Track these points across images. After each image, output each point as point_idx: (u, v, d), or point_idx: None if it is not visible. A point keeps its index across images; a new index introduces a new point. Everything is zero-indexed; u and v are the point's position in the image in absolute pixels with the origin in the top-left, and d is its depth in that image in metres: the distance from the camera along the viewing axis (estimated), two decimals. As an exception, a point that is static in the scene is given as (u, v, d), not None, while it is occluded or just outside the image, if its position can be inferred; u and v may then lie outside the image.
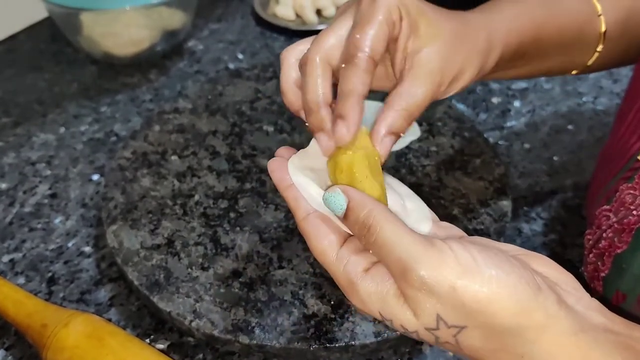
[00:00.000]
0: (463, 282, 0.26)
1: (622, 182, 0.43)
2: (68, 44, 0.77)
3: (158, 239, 0.50)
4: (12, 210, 0.57)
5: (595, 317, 0.28)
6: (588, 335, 0.27)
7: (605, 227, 0.42)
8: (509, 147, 0.65)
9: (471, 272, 0.27)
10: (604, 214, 0.43)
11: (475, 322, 0.27)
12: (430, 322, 0.28)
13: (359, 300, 0.30)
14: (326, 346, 0.43)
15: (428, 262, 0.27)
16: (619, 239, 0.40)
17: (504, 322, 0.26)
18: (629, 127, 0.45)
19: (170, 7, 0.73)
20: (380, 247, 0.29)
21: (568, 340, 0.27)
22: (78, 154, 0.63)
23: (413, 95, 0.34)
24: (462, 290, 0.26)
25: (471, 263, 0.27)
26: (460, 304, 0.27)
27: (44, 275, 0.52)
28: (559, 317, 0.27)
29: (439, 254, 0.27)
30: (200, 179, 0.56)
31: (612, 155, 0.47)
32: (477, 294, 0.26)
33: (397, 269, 0.28)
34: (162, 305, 0.45)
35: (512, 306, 0.26)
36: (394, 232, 0.28)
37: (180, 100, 0.65)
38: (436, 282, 0.27)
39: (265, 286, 0.47)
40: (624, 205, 0.41)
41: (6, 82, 0.73)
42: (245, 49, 0.80)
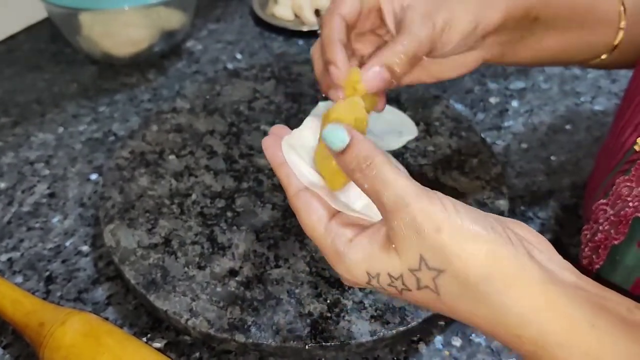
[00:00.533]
0: (446, 226, 0.28)
1: (619, 175, 0.43)
2: (67, 44, 0.78)
3: (155, 238, 0.50)
4: (10, 209, 0.58)
5: (567, 276, 0.30)
6: (557, 287, 0.28)
7: (602, 221, 0.42)
8: (506, 146, 0.66)
9: (454, 221, 0.29)
10: (601, 208, 0.43)
11: (452, 267, 0.28)
12: (413, 262, 0.30)
13: (345, 269, 0.32)
14: (322, 345, 0.43)
15: (420, 203, 0.29)
16: (616, 230, 0.40)
17: (477, 271, 0.28)
18: (626, 122, 0.45)
19: (169, 7, 0.73)
20: (379, 182, 0.30)
21: (537, 290, 0.28)
22: (76, 153, 0.64)
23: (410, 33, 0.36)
24: (446, 234, 0.28)
25: (455, 213, 0.29)
26: (440, 246, 0.28)
27: (42, 274, 0.52)
28: (529, 267, 0.28)
29: (430, 199, 0.29)
30: (198, 178, 0.56)
31: (609, 151, 0.47)
32: (458, 240, 0.28)
33: (391, 205, 0.30)
34: (158, 304, 0.45)
35: (484, 255, 0.28)
36: (392, 172, 0.30)
37: (178, 100, 0.65)
38: (424, 220, 0.29)
39: (262, 285, 0.47)
40: (620, 197, 0.41)
41: (5, 82, 0.73)
42: (243, 49, 0.80)
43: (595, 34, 0.46)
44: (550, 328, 0.27)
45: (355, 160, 0.31)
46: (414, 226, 0.29)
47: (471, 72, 0.43)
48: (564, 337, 0.27)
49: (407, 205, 0.29)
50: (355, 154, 0.31)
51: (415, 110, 0.65)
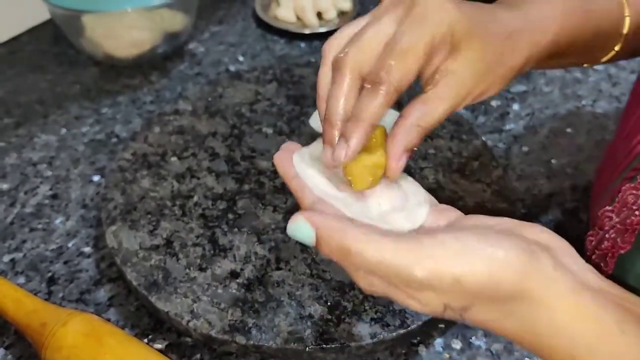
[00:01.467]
0: (463, 271, 0.27)
1: (625, 183, 0.43)
2: (70, 45, 0.78)
3: (157, 239, 0.51)
4: (13, 210, 0.58)
5: (591, 278, 0.29)
6: (587, 294, 0.28)
7: (607, 228, 0.42)
8: (507, 149, 0.66)
9: (467, 258, 0.27)
10: (606, 215, 0.43)
11: (480, 299, 0.28)
12: (437, 310, 0.29)
13: (365, 284, 0.30)
14: (322, 347, 0.43)
15: (423, 263, 0.27)
16: (622, 239, 0.40)
17: (506, 293, 0.27)
18: (633, 127, 0.45)
19: (171, 9, 0.73)
20: (369, 267, 0.28)
21: (568, 300, 0.28)
22: (79, 155, 0.64)
23: (433, 113, 0.33)
24: (464, 278, 0.27)
25: (464, 249, 0.27)
26: (464, 291, 0.27)
27: (44, 275, 0.52)
28: (556, 278, 0.28)
29: (431, 251, 0.27)
30: (200, 180, 0.56)
31: (615, 156, 0.47)
32: (478, 277, 0.27)
33: (395, 280, 0.28)
34: (160, 305, 0.46)
35: (511, 276, 0.27)
36: (376, 248, 0.28)
37: (180, 102, 0.65)
38: (438, 278, 0.27)
39: (263, 287, 0.47)
40: (626, 205, 0.41)
41: (8, 83, 0.73)
42: (245, 51, 0.80)
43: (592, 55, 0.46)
44: (582, 335, 0.27)
45: (333, 253, 0.29)
46: (428, 288, 0.27)
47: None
48: (595, 343, 0.27)
49: (411, 276, 0.27)
50: (329, 249, 0.29)
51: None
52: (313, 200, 0.33)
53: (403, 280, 0.28)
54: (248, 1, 0.90)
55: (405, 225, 0.33)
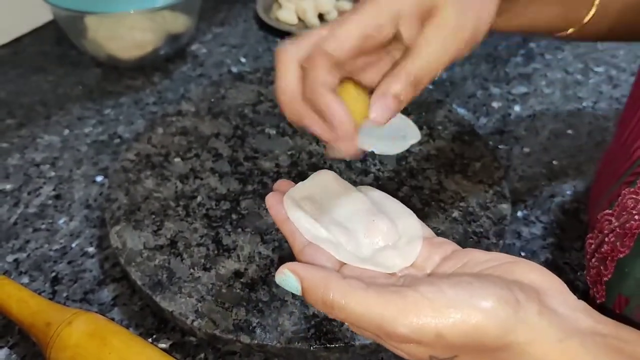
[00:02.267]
0: (445, 325, 0.27)
1: (624, 187, 0.43)
2: (73, 46, 0.78)
3: (161, 239, 0.51)
4: (16, 210, 0.58)
5: (582, 320, 0.29)
6: (574, 341, 0.28)
7: (607, 232, 0.43)
8: (508, 151, 0.66)
9: (450, 313, 0.27)
10: (605, 218, 0.44)
11: (465, 350, 0.28)
12: (423, 357, 0.29)
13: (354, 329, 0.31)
14: (326, 346, 0.44)
15: (406, 318, 0.27)
16: (621, 243, 0.41)
17: (491, 345, 0.27)
18: (632, 131, 0.45)
19: (174, 11, 0.74)
20: (353, 319, 0.28)
21: (554, 348, 0.27)
22: (82, 155, 0.64)
23: (418, 56, 0.32)
24: (447, 333, 0.27)
25: (447, 303, 0.27)
26: (449, 345, 0.27)
27: (48, 275, 0.52)
28: (541, 328, 0.27)
29: (414, 306, 0.27)
30: (203, 180, 0.57)
31: (614, 160, 0.47)
32: (461, 332, 0.27)
33: (379, 333, 0.28)
34: (164, 304, 0.46)
35: (495, 330, 0.27)
36: (359, 302, 0.28)
37: (183, 103, 0.65)
38: (420, 334, 0.27)
39: (267, 287, 0.47)
40: (625, 209, 0.42)
41: (11, 84, 0.74)
42: (247, 52, 0.81)
43: (572, 8, 0.46)
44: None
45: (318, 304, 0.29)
46: (413, 341, 0.27)
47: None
48: None
49: (394, 330, 0.27)
50: (314, 299, 0.29)
51: (419, 115, 0.65)
52: (303, 244, 0.34)
53: (386, 334, 0.28)
54: (249, 3, 0.91)
55: (398, 263, 0.33)
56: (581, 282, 0.51)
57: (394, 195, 0.39)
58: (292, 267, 0.30)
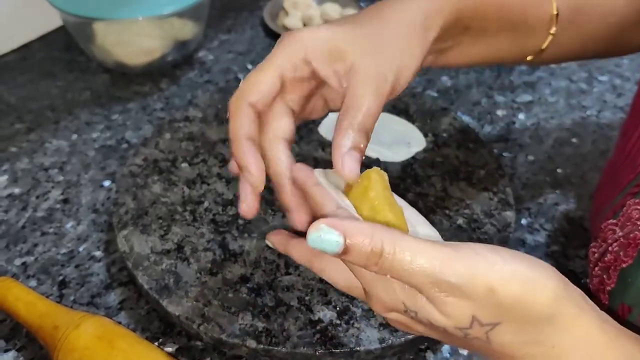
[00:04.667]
0: (499, 281, 0.26)
1: (629, 197, 0.43)
2: (81, 52, 0.79)
3: (168, 244, 0.51)
4: (24, 214, 0.59)
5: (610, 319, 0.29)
6: (613, 326, 0.28)
7: (611, 241, 0.43)
8: (513, 158, 0.66)
9: (504, 270, 0.26)
10: (609, 228, 0.44)
11: (510, 316, 0.27)
12: (463, 322, 0.27)
13: (384, 291, 0.29)
14: (332, 351, 0.44)
15: (458, 267, 0.26)
16: (625, 253, 0.41)
17: (540, 313, 0.27)
18: (636, 143, 0.46)
19: (181, 18, 0.75)
20: (399, 269, 0.27)
21: (596, 328, 0.28)
22: (90, 160, 0.65)
23: (360, 109, 0.35)
24: (500, 289, 0.26)
25: (501, 261, 0.27)
26: (497, 303, 0.26)
27: (55, 278, 0.53)
28: (586, 307, 0.28)
29: (468, 258, 0.27)
30: (210, 186, 0.57)
31: (618, 170, 0.47)
32: (513, 291, 0.26)
33: (424, 282, 0.27)
34: (171, 309, 0.46)
35: (548, 297, 0.27)
36: (410, 247, 0.27)
37: (190, 109, 0.66)
38: (472, 285, 0.26)
39: (273, 292, 0.48)
40: (630, 220, 0.42)
41: (20, 89, 0.74)
42: (254, 59, 0.81)
43: (525, 39, 0.46)
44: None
45: (363, 257, 0.28)
46: (459, 294, 0.27)
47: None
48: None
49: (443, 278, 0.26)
50: (358, 252, 0.28)
51: (424, 122, 0.65)
52: (336, 205, 0.33)
53: (433, 282, 0.26)
54: (256, 10, 0.91)
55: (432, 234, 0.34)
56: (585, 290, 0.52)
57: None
58: (330, 221, 0.28)
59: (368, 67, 0.36)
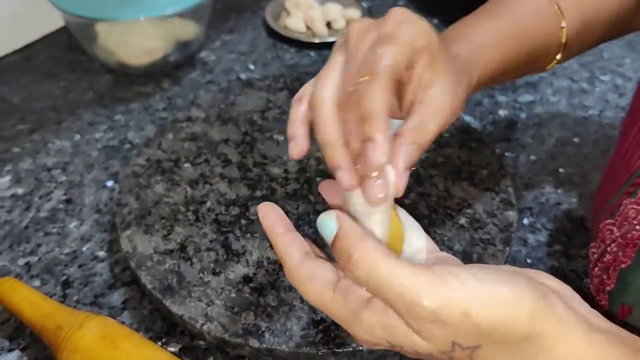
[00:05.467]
0: (474, 305, 0.26)
1: (625, 197, 0.43)
2: (83, 53, 0.79)
3: (171, 244, 0.51)
4: (28, 214, 0.59)
5: (600, 322, 0.29)
6: (600, 335, 0.27)
7: (609, 242, 0.43)
8: (515, 158, 0.66)
9: (479, 293, 0.26)
10: (607, 228, 0.44)
11: (490, 339, 0.27)
12: (445, 347, 0.27)
13: (363, 331, 0.29)
14: (334, 351, 0.44)
15: (433, 292, 0.26)
16: (623, 253, 0.41)
17: (520, 334, 0.26)
18: (632, 142, 0.46)
19: (183, 19, 0.75)
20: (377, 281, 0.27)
21: (582, 341, 0.27)
22: (93, 160, 0.65)
23: (426, 130, 0.33)
24: (475, 314, 0.26)
25: (476, 284, 0.26)
26: (474, 327, 0.26)
27: (59, 278, 0.53)
28: (569, 320, 0.27)
29: (443, 282, 0.26)
30: (212, 186, 0.57)
31: (615, 170, 0.48)
32: (491, 314, 0.26)
33: (401, 306, 0.27)
34: (174, 308, 0.46)
35: (525, 317, 0.26)
36: (389, 264, 0.27)
37: (193, 109, 0.66)
38: (448, 312, 0.26)
39: (275, 291, 0.48)
40: (627, 219, 0.42)
41: (23, 90, 0.74)
42: (256, 59, 0.81)
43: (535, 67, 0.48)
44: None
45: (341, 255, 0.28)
46: (436, 320, 0.26)
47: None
48: None
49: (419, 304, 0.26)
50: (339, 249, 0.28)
51: (426, 122, 0.65)
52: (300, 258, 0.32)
53: (409, 309, 0.26)
54: (258, 11, 0.91)
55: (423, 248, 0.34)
56: (586, 290, 0.52)
57: (400, 201, 0.40)
58: (339, 213, 0.30)
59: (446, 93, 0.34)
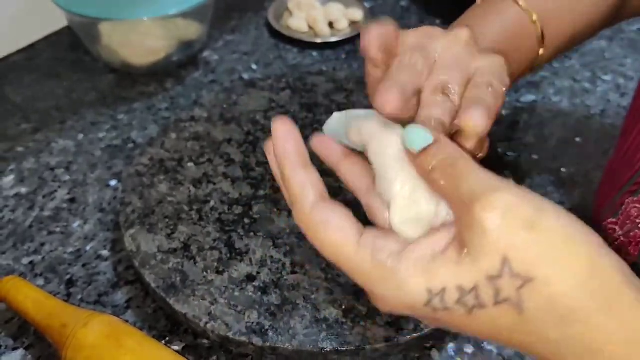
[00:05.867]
0: (541, 222, 0.24)
1: (627, 196, 0.43)
2: (86, 52, 0.79)
3: (174, 243, 0.52)
4: (31, 214, 0.59)
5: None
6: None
7: (611, 240, 0.43)
8: (517, 158, 0.67)
9: (550, 215, 0.24)
10: (610, 227, 0.44)
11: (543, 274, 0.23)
12: (493, 266, 0.24)
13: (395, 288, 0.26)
14: (338, 350, 0.44)
15: (510, 193, 0.24)
16: (626, 251, 0.41)
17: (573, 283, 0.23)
18: (634, 141, 0.46)
19: (186, 19, 0.75)
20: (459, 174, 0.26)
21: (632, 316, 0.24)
22: (96, 160, 0.65)
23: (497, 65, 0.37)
24: (539, 229, 0.23)
25: (552, 209, 0.25)
26: (531, 245, 0.23)
27: (63, 277, 0.53)
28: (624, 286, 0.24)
29: (523, 191, 0.25)
30: (216, 185, 0.57)
31: (617, 170, 0.47)
32: (551, 238, 0.23)
33: (471, 194, 0.25)
34: (178, 307, 0.47)
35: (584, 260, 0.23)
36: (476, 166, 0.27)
37: (195, 109, 0.66)
38: (515, 212, 0.24)
39: (279, 290, 0.48)
40: (629, 218, 0.42)
41: (26, 89, 0.75)
42: (259, 59, 0.82)
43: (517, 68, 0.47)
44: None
45: (439, 158, 0.27)
46: (500, 218, 0.23)
47: None
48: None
49: (495, 191, 0.24)
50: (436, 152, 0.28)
51: (428, 122, 0.66)
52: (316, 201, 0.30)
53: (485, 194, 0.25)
54: (261, 11, 0.92)
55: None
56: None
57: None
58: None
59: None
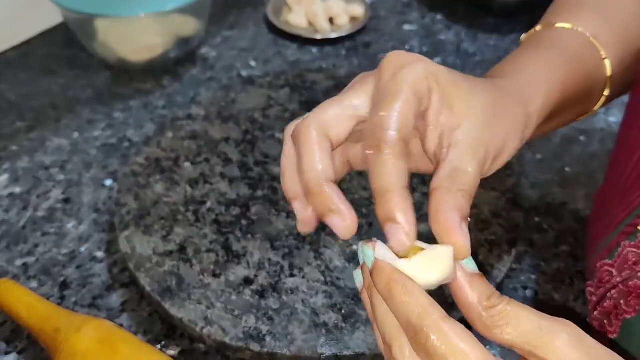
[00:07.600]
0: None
1: (623, 237, 0.41)
2: (82, 49, 0.78)
3: (170, 245, 0.51)
4: (25, 214, 0.58)
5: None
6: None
7: (609, 286, 0.41)
8: (521, 157, 0.65)
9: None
10: (605, 269, 0.41)
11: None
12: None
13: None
14: (337, 355, 0.43)
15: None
16: (626, 302, 0.39)
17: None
18: (629, 177, 0.43)
19: (183, 15, 0.74)
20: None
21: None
22: (91, 159, 0.64)
23: (466, 173, 0.30)
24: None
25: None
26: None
27: (57, 279, 0.52)
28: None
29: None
30: (213, 185, 0.56)
31: (610, 203, 0.45)
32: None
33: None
34: (173, 311, 0.46)
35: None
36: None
37: (193, 107, 0.65)
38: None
39: (277, 294, 0.47)
40: (627, 263, 0.39)
41: (20, 87, 0.74)
42: (257, 56, 0.80)
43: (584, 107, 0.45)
44: None
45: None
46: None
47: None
48: None
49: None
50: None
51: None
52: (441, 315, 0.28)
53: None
54: (259, 6, 0.90)
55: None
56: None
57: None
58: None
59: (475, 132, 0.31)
